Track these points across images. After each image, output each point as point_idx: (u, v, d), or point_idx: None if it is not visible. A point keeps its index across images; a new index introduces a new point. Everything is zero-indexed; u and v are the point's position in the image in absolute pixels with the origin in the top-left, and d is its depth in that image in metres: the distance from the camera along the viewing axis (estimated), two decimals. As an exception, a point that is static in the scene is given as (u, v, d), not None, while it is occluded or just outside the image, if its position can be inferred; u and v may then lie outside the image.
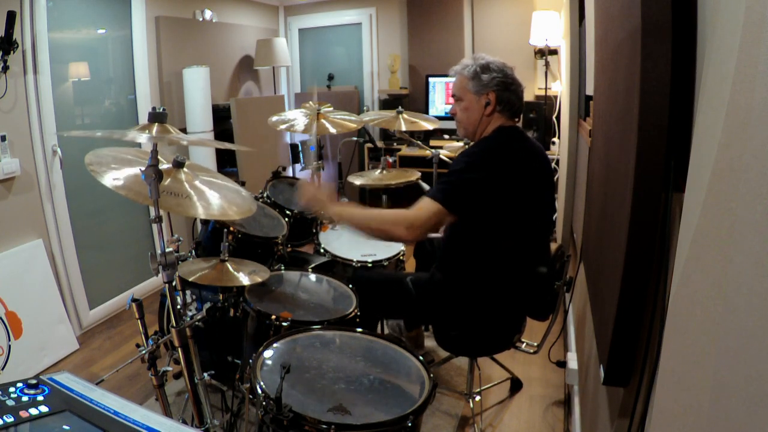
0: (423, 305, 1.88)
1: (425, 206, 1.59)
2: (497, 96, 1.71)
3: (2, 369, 2.35)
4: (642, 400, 0.89)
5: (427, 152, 2.81)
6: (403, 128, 2.55)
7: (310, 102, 2.49)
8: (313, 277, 2.01)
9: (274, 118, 2.51)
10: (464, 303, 1.78)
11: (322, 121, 2.47)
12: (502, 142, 1.71)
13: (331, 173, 4.73)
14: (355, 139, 3.43)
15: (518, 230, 1.71)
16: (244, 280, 1.69)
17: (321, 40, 5.27)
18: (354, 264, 2.20)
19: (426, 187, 2.74)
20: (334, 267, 2.23)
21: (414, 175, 2.68)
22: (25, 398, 0.74)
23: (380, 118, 2.64)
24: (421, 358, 1.39)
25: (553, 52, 3.95)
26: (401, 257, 2.33)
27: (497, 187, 1.62)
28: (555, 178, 3.72)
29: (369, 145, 4.40)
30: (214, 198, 1.41)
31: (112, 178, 1.27)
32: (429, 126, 2.61)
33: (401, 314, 2.11)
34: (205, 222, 2.14)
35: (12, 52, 2.45)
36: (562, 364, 2.41)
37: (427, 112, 4.33)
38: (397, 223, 1.59)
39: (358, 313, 1.73)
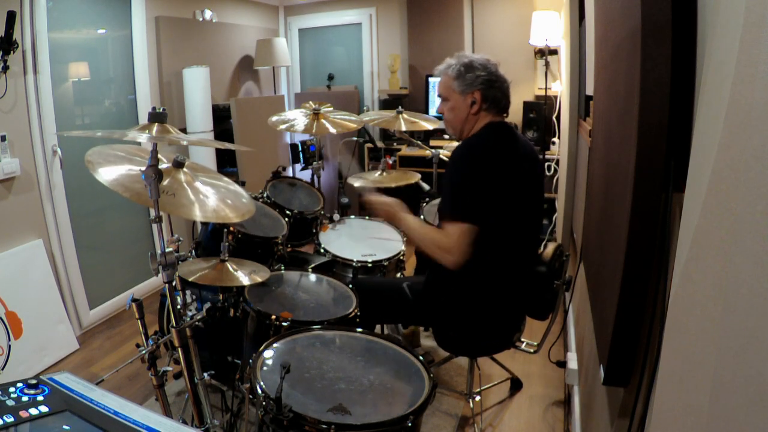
0: (421, 309, 1.88)
1: (453, 232, 1.62)
2: (483, 94, 1.71)
3: (2, 369, 2.35)
4: (642, 400, 0.90)
5: (427, 152, 2.81)
6: (403, 128, 2.54)
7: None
8: (313, 277, 2.01)
9: (274, 118, 2.51)
10: (463, 303, 1.78)
11: (322, 121, 2.47)
12: (489, 138, 1.71)
13: (331, 173, 4.73)
14: (355, 139, 3.43)
15: (509, 228, 1.71)
16: (244, 280, 1.69)
17: (321, 40, 5.27)
18: (354, 264, 2.20)
19: (426, 187, 2.73)
20: (334, 267, 2.23)
21: (413, 177, 2.67)
22: (25, 398, 0.74)
23: (380, 118, 2.63)
24: (421, 358, 1.39)
25: (553, 52, 3.95)
26: (401, 257, 2.33)
27: (488, 182, 1.62)
28: (555, 178, 3.73)
29: (369, 145, 4.40)
30: (211, 200, 1.41)
31: (108, 175, 1.27)
32: (429, 126, 2.61)
33: (400, 319, 2.12)
34: (205, 222, 2.14)
35: (12, 52, 2.45)
36: (562, 364, 2.41)
37: (427, 112, 4.33)
38: (440, 255, 1.64)
39: (358, 313, 1.73)
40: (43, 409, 0.72)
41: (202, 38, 4.08)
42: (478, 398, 2.20)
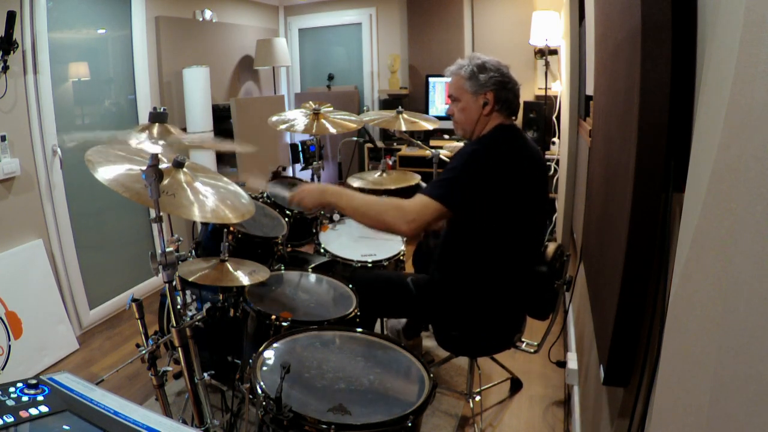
0: (424, 305, 1.88)
1: (424, 204, 1.59)
2: (495, 95, 1.71)
3: (2, 369, 2.35)
4: (642, 400, 0.90)
5: (427, 152, 2.81)
6: (403, 128, 2.54)
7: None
8: (313, 277, 2.01)
9: (274, 118, 2.51)
10: (464, 303, 1.78)
11: (322, 121, 2.47)
12: (500, 140, 1.71)
13: (331, 173, 4.73)
14: (355, 139, 3.43)
15: (513, 229, 1.71)
16: (244, 280, 1.69)
17: (321, 40, 5.27)
18: (354, 264, 2.20)
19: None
20: (334, 267, 2.23)
21: (414, 179, 2.67)
22: (25, 398, 0.74)
23: (380, 118, 2.63)
24: (421, 358, 1.39)
25: (553, 52, 3.95)
26: (401, 257, 2.33)
27: (494, 185, 1.62)
28: (555, 178, 3.73)
29: (369, 145, 4.40)
30: (210, 200, 1.41)
31: (108, 175, 1.27)
32: (429, 126, 2.61)
33: (402, 313, 2.11)
34: (205, 222, 2.14)
35: (12, 52, 2.45)
36: (562, 364, 2.41)
37: (427, 112, 4.33)
38: (397, 217, 1.58)
39: (358, 313, 1.73)
40: (43, 409, 0.72)
41: (202, 38, 4.08)
42: (478, 398, 2.20)
